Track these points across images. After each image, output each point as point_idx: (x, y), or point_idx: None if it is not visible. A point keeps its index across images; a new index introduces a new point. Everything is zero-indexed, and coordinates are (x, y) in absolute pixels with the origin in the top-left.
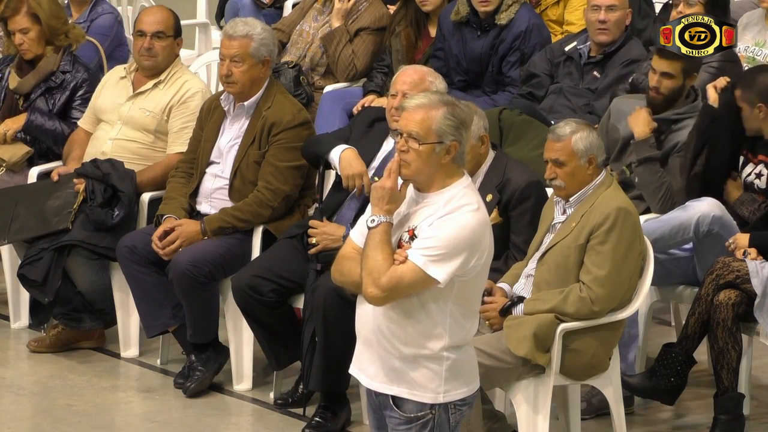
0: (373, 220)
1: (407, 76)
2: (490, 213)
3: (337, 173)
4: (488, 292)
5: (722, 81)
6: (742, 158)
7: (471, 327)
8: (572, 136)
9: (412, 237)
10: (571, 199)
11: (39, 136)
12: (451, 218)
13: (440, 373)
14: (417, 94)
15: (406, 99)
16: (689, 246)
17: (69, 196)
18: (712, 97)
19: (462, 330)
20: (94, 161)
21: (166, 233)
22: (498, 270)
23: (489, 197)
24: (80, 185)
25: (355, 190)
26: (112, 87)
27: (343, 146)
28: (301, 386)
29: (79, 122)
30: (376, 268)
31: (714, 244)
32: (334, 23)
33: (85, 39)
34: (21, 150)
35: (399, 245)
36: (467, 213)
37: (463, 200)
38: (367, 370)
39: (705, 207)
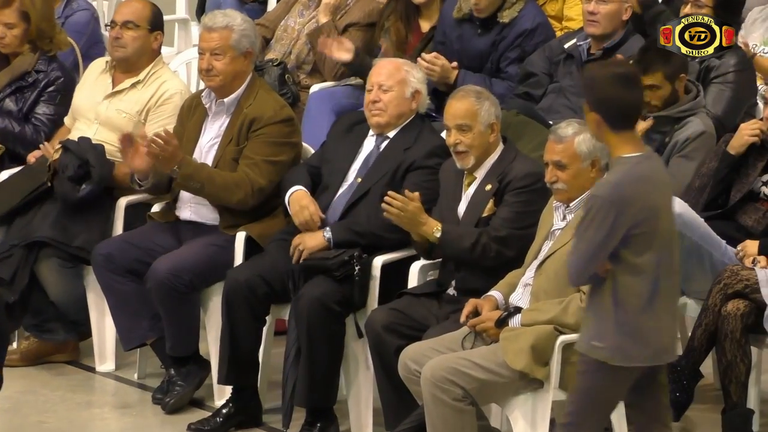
0: None
1: (381, 67)
2: (486, 203)
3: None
4: (475, 313)
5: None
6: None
7: None
8: (575, 137)
9: None
10: (571, 205)
11: (6, 142)
12: None
13: None
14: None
15: None
16: None
17: (44, 174)
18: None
19: None
20: (80, 139)
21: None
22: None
23: (488, 187)
24: (56, 154)
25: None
26: (92, 82)
27: (294, 188)
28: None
29: (65, 119)
30: None
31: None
32: (321, 18)
33: (69, 47)
34: None
35: None
36: None
37: None
38: None
39: None
